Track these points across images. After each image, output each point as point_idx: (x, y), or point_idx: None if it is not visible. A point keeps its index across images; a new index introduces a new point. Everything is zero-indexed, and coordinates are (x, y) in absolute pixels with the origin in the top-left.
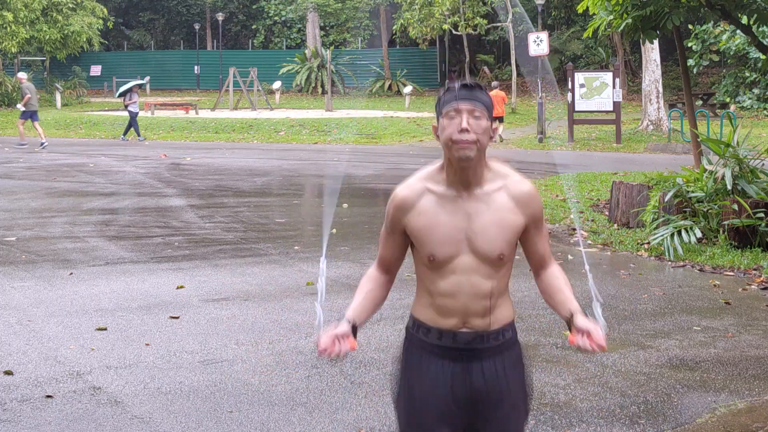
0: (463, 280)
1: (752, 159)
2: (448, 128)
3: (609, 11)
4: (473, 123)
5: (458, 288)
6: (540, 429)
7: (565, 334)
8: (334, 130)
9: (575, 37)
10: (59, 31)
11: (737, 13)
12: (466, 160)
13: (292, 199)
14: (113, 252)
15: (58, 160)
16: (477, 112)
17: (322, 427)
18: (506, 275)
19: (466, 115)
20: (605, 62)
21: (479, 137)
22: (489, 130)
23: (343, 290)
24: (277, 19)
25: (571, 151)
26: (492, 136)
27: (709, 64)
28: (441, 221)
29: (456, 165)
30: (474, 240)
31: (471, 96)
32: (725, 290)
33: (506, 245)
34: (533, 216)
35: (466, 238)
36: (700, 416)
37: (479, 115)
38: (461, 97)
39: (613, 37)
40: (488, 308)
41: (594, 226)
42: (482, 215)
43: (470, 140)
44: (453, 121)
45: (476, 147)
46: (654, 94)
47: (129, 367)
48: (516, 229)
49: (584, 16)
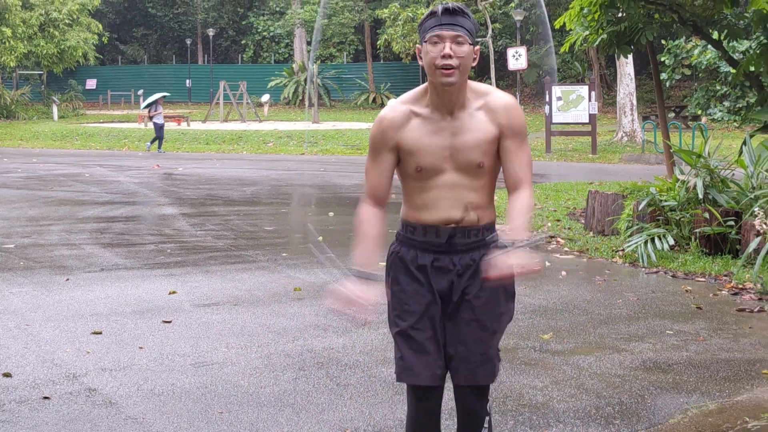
0: (447, 192)
1: (723, 169)
2: (431, 53)
3: (585, 27)
4: (456, 48)
5: (442, 199)
6: (518, 429)
7: (542, 337)
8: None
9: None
10: (56, 46)
11: (708, 28)
12: (449, 85)
13: (280, 207)
14: (108, 259)
15: (55, 170)
16: (460, 37)
17: (308, 427)
18: (488, 186)
19: (449, 41)
20: (581, 76)
21: (462, 62)
22: (471, 54)
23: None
24: (265, 35)
25: (548, 161)
26: (475, 57)
27: (682, 78)
28: (426, 140)
29: (439, 89)
30: (456, 155)
31: (453, 21)
32: (697, 295)
33: (483, 154)
34: (510, 126)
35: (449, 155)
36: (672, 417)
37: (461, 40)
38: (444, 23)
39: (589, 52)
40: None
41: (571, 234)
42: (464, 133)
43: (453, 66)
44: (436, 46)
45: (458, 72)
46: (628, 107)
47: (123, 370)
48: (491, 138)
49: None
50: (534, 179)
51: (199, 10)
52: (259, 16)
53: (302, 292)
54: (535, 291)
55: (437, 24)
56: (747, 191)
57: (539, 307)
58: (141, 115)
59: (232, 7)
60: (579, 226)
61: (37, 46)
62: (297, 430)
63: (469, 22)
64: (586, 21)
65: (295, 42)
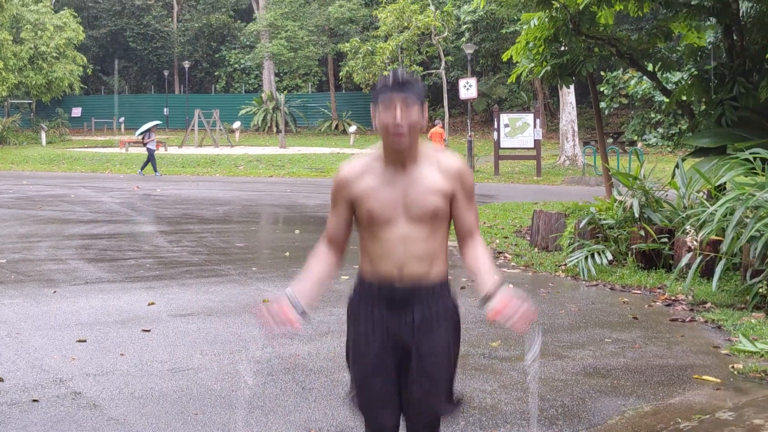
0: (399, 244)
1: (657, 190)
2: (383, 118)
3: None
4: (406, 112)
5: (395, 250)
6: (469, 429)
7: (491, 345)
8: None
9: (500, 82)
10: (44, 77)
11: (644, 61)
12: (400, 146)
13: (250, 225)
14: (92, 273)
15: (43, 191)
16: (409, 100)
17: (276, 427)
18: (440, 239)
19: (400, 105)
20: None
21: (412, 124)
22: (420, 114)
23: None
24: (237, 67)
25: (497, 183)
26: (424, 114)
27: (619, 107)
28: (380, 191)
29: (391, 150)
30: (409, 207)
31: (403, 89)
32: (633, 306)
33: (437, 207)
34: (462, 186)
35: (402, 206)
36: (611, 418)
37: (411, 102)
38: (394, 90)
39: (534, 83)
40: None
41: (517, 250)
42: (416, 186)
43: (403, 132)
44: (388, 111)
45: (409, 134)
46: (570, 133)
47: (106, 375)
48: (445, 193)
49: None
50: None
51: (176, 44)
52: (231, 50)
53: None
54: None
55: (388, 91)
56: (679, 211)
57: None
58: (122, 141)
59: (206, 41)
60: (525, 242)
61: (26, 77)
62: (266, 431)
63: (417, 88)
64: (531, 54)
65: (264, 73)
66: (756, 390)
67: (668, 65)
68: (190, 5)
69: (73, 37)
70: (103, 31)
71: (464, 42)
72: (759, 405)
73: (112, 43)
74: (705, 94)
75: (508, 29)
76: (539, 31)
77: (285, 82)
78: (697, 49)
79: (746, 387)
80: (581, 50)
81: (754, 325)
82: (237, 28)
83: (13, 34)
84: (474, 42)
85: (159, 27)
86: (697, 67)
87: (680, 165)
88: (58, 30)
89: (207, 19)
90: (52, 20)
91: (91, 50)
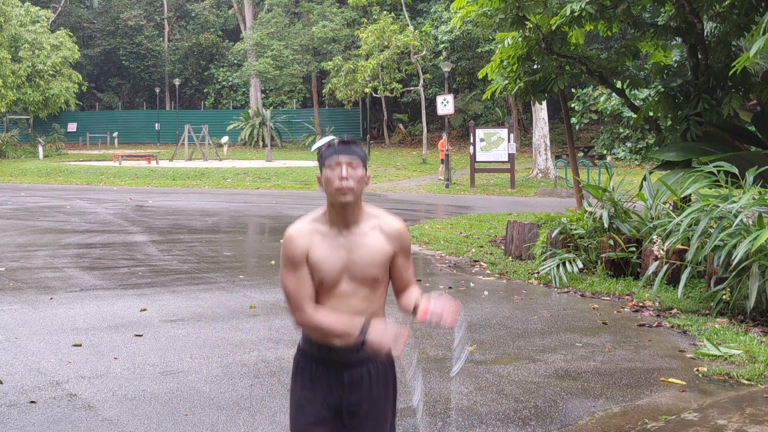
0: (342, 302)
1: (625, 202)
2: (330, 175)
3: (504, 77)
4: (351, 172)
5: (338, 309)
6: (446, 430)
7: (467, 349)
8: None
9: (476, 98)
10: (41, 94)
11: (613, 78)
12: (346, 202)
13: (238, 235)
14: (87, 280)
15: (41, 202)
16: (354, 163)
17: (263, 428)
18: (381, 298)
19: (345, 165)
20: (501, 120)
21: (356, 184)
22: (364, 178)
23: (281, 313)
24: (225, 84)
25: (473, 195)
26: (366, 182)
27: (589, 122)
28: (327, 255)
29: (337, 208)
30: (353, 268)
31: (348, 150)
32: (603, 312)
33: (379, 270)
34: (402, 248)
35: (346, 268)
36: (581, 419)
37: (356, 165)
38: (340, 151)
39: (509, 99)
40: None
41: (492, 258)
42: (359, 248)
43: (349, 187)
44: (334, 171)
45: (354, 192)
46: (543, 147)
47: (100, 377)
48: (387, 257)
49: (484, 81)
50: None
51: (167, 63)
52: (219, 68)
53: (257, 309)
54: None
55: (334, 152)
56: (646, 221)
57: (464, 323)
58: (116, 154)
59: (196, 59)
60: (499, 251)
61: (24, 94)
62: (252, 431)
63: (360, 151)
64: (505, 72)
65: (251, 90)
66: (720, 392)
67: (636, 82)
68: (181, 25)
69: (69, 55)
70: (97, 50)
71: (441, 60)
72: (722, 406)
73: (106, 61)
74: (671, 110)
75: (483, 48)
76: (513, 50)
77: (271, 99)
78: (664, 67)
79: (710, 389)
80: (553, 68)
81: (717, 330)
82: (225, 48)
83: (12, 53)
84: (451, 60)
85: (151, 46)
86: (663, 85)
87: (647, 178)
88: (54, 49)
89: (196, 39)
90: (48, 40)
91: (86, 68)
